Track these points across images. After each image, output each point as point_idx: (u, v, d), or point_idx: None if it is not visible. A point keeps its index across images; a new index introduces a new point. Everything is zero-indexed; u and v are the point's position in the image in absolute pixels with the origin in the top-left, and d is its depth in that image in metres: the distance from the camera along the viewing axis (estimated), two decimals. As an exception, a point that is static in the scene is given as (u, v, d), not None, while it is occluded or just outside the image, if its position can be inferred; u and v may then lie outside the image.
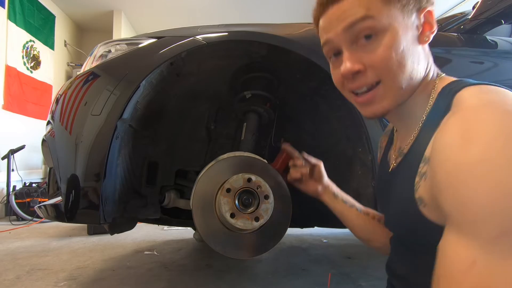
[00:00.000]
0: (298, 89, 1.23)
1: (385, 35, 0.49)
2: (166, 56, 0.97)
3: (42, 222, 2.79)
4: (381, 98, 0.52)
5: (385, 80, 0.51)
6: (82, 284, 1.32)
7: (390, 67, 0.49)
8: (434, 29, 0.52)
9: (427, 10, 0.51)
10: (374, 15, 0.49)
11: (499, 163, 0.35)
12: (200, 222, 0.97)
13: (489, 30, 1.15)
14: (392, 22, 0.49)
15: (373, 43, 0.50)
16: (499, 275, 0.34)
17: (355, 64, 0.51)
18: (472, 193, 0.36)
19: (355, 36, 0.51)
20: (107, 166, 0.92)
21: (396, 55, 0.49)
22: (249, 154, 1.09)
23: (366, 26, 0.49)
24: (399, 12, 0.50)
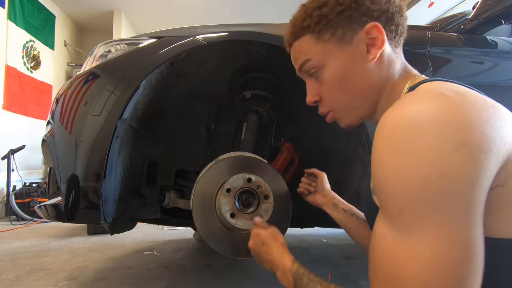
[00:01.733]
0: (298, 89, 1.23)
1: (325, 70, 0.57)
2: (166, 56, 0.97)
3: (42, 222, 2.79)
4: (340, 117, 0.61)
5: (336, 108, 0.59)
6: (82, 284, 1.32)
7: (335, 96, 0.58)
8: (379, 44, 0.54)
9: (369, 28, 0.53)
10: (311, 57, 0.57)
11: (400, 152, 0.40)
12: (200, 222, 0.97)
13: (489, 30, 1.15)
14: (328, 57, 0.56)
15: (319, 77, 0.58)
16: (399, 248, 0.40)
17: (312, 97, 0.61)
18: (382, 175, 0.42)
19: (307, 73, 0.60)
20: (107, 166, 0.92)
21: (338, 85, 0.56)
22: (249, 154, 1.09)
23: (309, 66, 0.58)
24: (335, 44, 0.55)
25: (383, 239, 0.42)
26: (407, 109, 0.43)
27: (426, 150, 0.39)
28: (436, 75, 1.02)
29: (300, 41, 0.59)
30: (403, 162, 0.40)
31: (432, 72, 1.02)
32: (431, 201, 0.38)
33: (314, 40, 0.57)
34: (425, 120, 0.40)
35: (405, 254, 0.39)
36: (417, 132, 0.40)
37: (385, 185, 0.42)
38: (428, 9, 2.96)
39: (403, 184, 0.40)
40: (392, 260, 0.40)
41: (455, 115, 0.40)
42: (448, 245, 0.37)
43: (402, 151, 0.40)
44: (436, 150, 0.38)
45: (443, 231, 0.37)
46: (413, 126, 0.40)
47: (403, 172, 0.40)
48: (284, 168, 1.24)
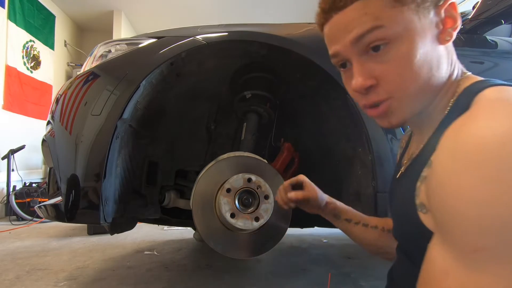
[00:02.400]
0: (298, 89, 1.23)
1: (399, 43, 0.44)
2: (166, 56, 0.97)
3: (42, 222, 2.79)
4: (395, 110, 0.47)
5: (398, 94, 0.46)
6: (82, 284, 1.32)
7: (404, 80, 0.45)
8: (458, 23, 0.45)
9: (448, 4, 0.45)
10: (384, 24, 0.43)
11: (489, 181, 0.32)
12: (200, 222, 0.97)
13: (489, 30, 1.15)
14: (406, 27, 0.43)
15: (385, 54, 0.44)
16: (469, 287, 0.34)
17: (366, 80, 0.46)
18: (457, 204, 0.34)
19: (365, 48, 0.45)
20: (107, 166, 0.92)
21: (411, 66, 0.44)
22: (249, 154, 1.10)
23: (376, 37, 0.44)
24: (414, 13, 0.43)
25: (448, 277, 0.36)
26: (496, 126, 0.34)
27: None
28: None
29: (367, 1, 0.44)
30: (492, 193, 0.32)
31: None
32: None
33: (390, 1, 0.43)
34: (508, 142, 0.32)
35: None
36: (506, 160, 0.32)
37: (461, 217, 0.34)
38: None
39: (490, 219, 0.33)
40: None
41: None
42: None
43: (492, 180, 0.32)
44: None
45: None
46: (508, 151, 0.32)
47: (491, 205, 0.32)
48: (284, 168, 1.24)
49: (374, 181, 0.96)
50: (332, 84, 0.98)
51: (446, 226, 0.37)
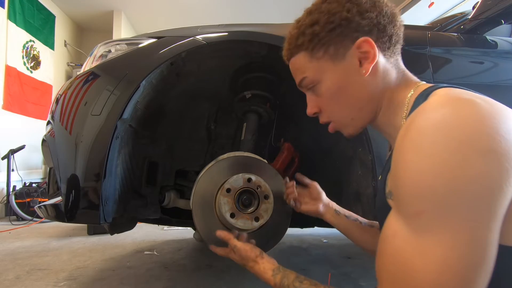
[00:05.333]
0: (298, 89, 1.23)
1: (320, 85, 0.60)
2: (166, 56, 0.97)
3: (42, 222, 2.79)
4: (341, 128, 0.64)
5: (334, 118, 0.62)
6: (82, 284, 1.32)
7: (332, 108, 0.61)
8: (370, 58, 0.55)
9: (361, 43, 0.55)
10: (307, 74, 0.60)
11: (426, 156, 0.40)
12: (200, 222, 0.97)
13: (489, 30, 1.15)
14: (322, 73, 0.59)
15: (317, 92, 0.61)
16: (412, 247, 0.40)
17: (312, 109, 0.65)
18: (403, 176, 0.42)
19: (305, 88, 0.64)
20: (107, 166, 0.92)
21: (334, 98, 0.59)
22: (249, 154, 1.09)
23: (306, 83, 0.62)
24: (329, 61, 0.58)
25: (395, 237, 0.43)
26: (435, 113, 0.42)
27: (452, 155, 0.38)
28: (436, 75, 1.02)
29: (295, 58, 0.62)
30: (427, 165, 0.40)
31: (432, 72, 1.02)
32: (452, 205, 0.38)
33: (308, 58, 0.59)
34: (453, 125, 0.40)
35: (418, 253, 0.39)
36: (445, 136, 0.39)
37: (405, 185, 0.42)
38: (428, 9, 2.96)
39: (426, 186, 0.39)
40: (403, 258, 0.41)
41: (484, 121, 0.39)
42: (463, 249, 0.38)
43: (428, 154, 0.40)
44: (463, 155, 0.38)
45: (460, 235, 0.38)
46: (441, 130, 0.40)
47: (426, 174, 0.39)
48: (284, 168, 1.24)
49: (374, 181, 0.96)
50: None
51: (397, 195, 0.44)
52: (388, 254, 0.43)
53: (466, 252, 0.38)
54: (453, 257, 0.38)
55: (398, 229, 0.43)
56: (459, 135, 0.39)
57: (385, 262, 0.44)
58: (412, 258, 0.40)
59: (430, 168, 0.39)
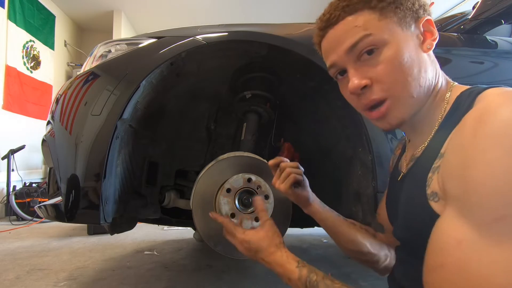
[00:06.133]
0: (298, 89, 1.23)
1: (387, 48, 0.51)
2: (166, 56, 0.97)
3: (42, 222, 2.79)
4: (394, 109, 0.53)
5: (393, 93, 0.52)
6: (82, 284, 1.32)
7: (396, 79, 0.51)
8: (436, 36, 0.53)
9: (426, 20, 0.53)
10: (372, 32, 0.51)
11: (510, 155, 0.35)
12: (200, 222, 0.97)
13: (489, 30, 1.15)
14: (391, 35, 0.51)
15: (376, 57, 0.52)
16: (486, 256, 0.35)
17: (361, 80, 0.52)
18: (480, 175, 0.36)
19: (358, 54, 0.53)
20: (107, 166, 0.91)
21: (400, 66, 0.50)
22: (249, 154, 1.09)
23: (367, 43, 0.51)
24: (397, 25, 0.52)
25: (461, 245, 0.37)
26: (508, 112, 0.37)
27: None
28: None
29: (356, 16, 0.52)
30: (507, 160, 0.35)
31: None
32: None
33: (376, 15, 0.52)
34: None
35: (493, 263, 0.35)
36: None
37: (485, 187, 0.36)
38: (428, 9, 2.96)
39: (506, 190, 0.34)
40: (473, 269, 0.36)
41: None
42: None
43: (506, 149, 0.35)
44: None
45: None
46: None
47: (508, 173, 0.35)
48: (284, 168, 1.24)
49: (374, 181, 0.96)
50: (332, 84, 0.97)
51: (464, 199, 0.38)
52: (452, 265, 0.38)
53: None
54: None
55: (464, 237, 0.37)
56: None
57: (447, 273, 0.38)
58: (484, 269, 0.36)
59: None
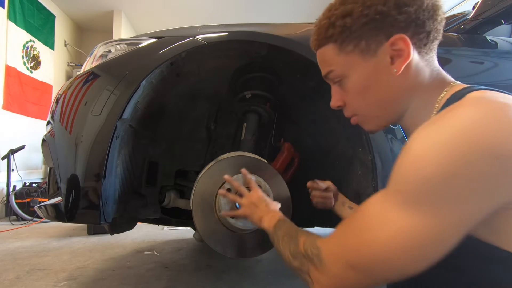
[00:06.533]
0: (298, 89, 1.23)
1: (347, 79, 0.57)
2: (166, 56, 0.97)
3: (42, 222, 2.79)
4: (363, 123, 0.61)
5: (360, 113, 0.60)
6: (82, 284, 1.32)
7: (358, 104, 0.58)
8: (406, 56, 0.51)
9: (394, 39, 0.51)
10: (334, 68, 0.58)
11: (432, 144, 0.40)
12: (200, 222, 0.97)
13: (489, 30, 1.15)
14: (350, 68, 0.56)
15: (343, 86, 0.59)
16: (384, 213, 0.43)
17: (336, 103, 0.62)
18: (399, 162, 0.44)
19: (331, 81, 0.61)
20: (107, 166, 0.91)
21: (359, 95, 0.57)
22: (249, 154, 1.09)
23: (332, 76, 0.59)
24: (358, 57, 0.54)
25: (372, 202, 0.46)
26: (461, 115, 0.41)
27: (457, 152, 0.38)
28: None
29: (323, 50, 0.58)
30: (428, 153, 0.40)
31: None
32: (436, 193, 0.39)
33: (336, 51, 0.56)
34: (475, 127, 0.38)
35: (388, 220, 0.42)
36: (463, 136, 0.38)
37: (399, 166, 0.43)
38: (428, 9, 2.96)
39: (418, 169, 0.40)
40: (371, 217, 0.44)
41: (503, 123, 0.38)
42: (428, 234, 0.40)
43: (438, 146, 0.40)
44: (466, 152, 0.38)
45: (430, 223, 0.40)
46: (462, 130, 0.39)
47: (423, 160, 0.40)
48: (284, 168, 1.24)
49: (374, 181, 0.96)
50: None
51: (392, 176, 0.45)
52: (360, 211, 0.47)
53: (431, 239, 0.40)
54: (416, 237, 0.40)
55: (377, 199, 0.45)
56: (475, 135, 0.38)
57: (353, 215, 0.48)
58: (380, 221, 0.43)
59: (430, 156, 0.40)
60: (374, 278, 0.45)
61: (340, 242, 0.49)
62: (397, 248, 0.41)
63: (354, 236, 0.46)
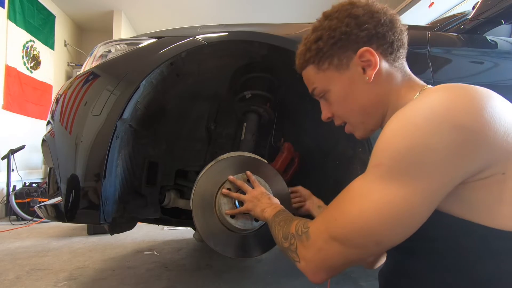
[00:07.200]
0: (298, 89, 1.22)
1: (330, 93, 0.65)
2: (166, 56, 0.97)
3: (42, 222, 2.79)
4: (353, 130, 0.68)
5: (348, 120, 0.67)
6: (82, 284, 1.32)
7: (344, 113, 0.65)
8: (374, 66, 0.59)
9: (360, 52, 0.59)
10: (316, 85, 0.66)
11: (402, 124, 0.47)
12: (200, 222, 0.97)
13: (489, 30, 1.15)
14: (330, 82, 0.63)
15: (328, 99, 0.66)
16: (362, 187, 0.49)
17: (326, 115, 0.69)
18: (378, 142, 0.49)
19: (318, 97, 0.69)
20: (107, 166, 0.91)
21: (343, 104, 0.64)
22: (249, 154, 1.09)
23: (317, 92, 0.67)
24: (334, 72, 0.62)
25: (355, 180, 0.52)
26: (427, 97, 0.48)
27: (426, 124, 0.44)
28: (436, 75, 1.02)
29: (306, 71, 0.68)
30: (401, 129, 0.46)
31: (432, 72, 1.02)
32: (408, 164, 0.44)
33: (315, 70, 0.65)
34: (439, 102, 0.45)
35: (365, 192, 0.48)
36: (429, 111, 0.44)
37: (377, 144, 0.49)
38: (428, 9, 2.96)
39: (392, 143, 0.46)
40: (351, 192, 0.51)
41: (469, 101, 0.44)
42: (402, 203, 0.44)
43: (406, 122, 0.46)
44: (436, 126, 0.43)
45: (403, 192, 0.44)
46: (428, 107, 0.45)
47: (397, 136, 0.46)
48: (284, 168, 1.24)
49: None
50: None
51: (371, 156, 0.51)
52: (346, 189, 0.53)
53: (402, 208, 0.44)
54: (389, 207, 0.44)
55: (358, 177, 0.52)
56: (441, 110, 0.44)
57: (341, 193, 0.53)
58: (357, 193, 0.49)
59: (403, 131, 0.45)
60: (355, 250, 0.49)
61: (325, 217, 0.54)
62: (373, 216, 0.45)
63: (335, 209, 0.52)
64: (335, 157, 1.23)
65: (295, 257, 0.57)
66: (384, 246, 0.47)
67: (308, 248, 0.54)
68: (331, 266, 0.52)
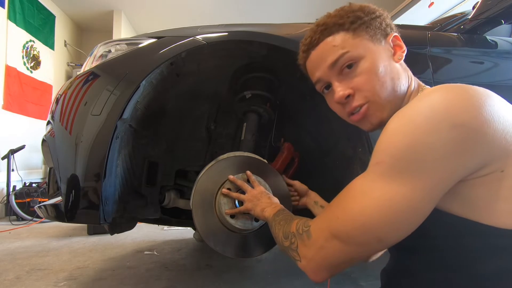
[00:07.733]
0: (298, 89, 1.23)
1: (363, 61, 0.59)
2: (166, 56, 0.97)
3: (42, 222, 2.79)
4: (373, 112, 0.61)
5: (371, 98, 0.60)
6: (82, 284, 1.32)
7: (373, 86, 0.59)
8: (404, 49, 0.62)
9: (393, 36, 0.62)
10: (349, 49, 0.60)
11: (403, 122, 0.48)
12: (200, 222, 0.97)
13: (489, 30, 1.15)
14: (366, 50, 0.60)
15: (355, 70, 0.60)
16: (363, 184, 0.50)
17: (345, 90, 0.60)
18: (380, 138, 0.50)
19: (339, 68, 0.61)
20: (107, 166, 0.91)
21: (376, 75, 0.59)
22: (249, 154, 1.09)
23: (346, 59, 0.60)
24: (369, 41, 0.60)
25: (356, 178, 0.52)
26: (427, 97, 0.48)
27: (426, 122, 0.44)
28: (436, 75, 1.02)
29: (333, 37, 0.61)
30: (401, 127, 0.47)
31: (432, 72, 1.02)
32: (408, 162, 0.45)
33: (350, 35, 0.60)
34: (439, 101, 0.46)
35: (366, 189, 0.49)
36: (429, 110, 0.45)
37: (378, 143, 0.50)
38: (428, 9, 2.96)
39: (392, 141, 0.47)
40: (353, 190, 0.51)
41: (468, 100, 0.44)
42: (402, 200, 0.45)
43: (407, 120, 0.47)
44: (435, 124, 0.44)
45: (404, 189, 0.45)
46: (428, 106, 0.46)
47: (397, 134, 0.47)
48: (284, 168, 1.24)
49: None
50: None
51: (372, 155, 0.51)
52: (347, 186, 0.53)
53: (403, 206, 0.45)
54: (390, 205, 0.45)
55: (360, 176, 0.52)
56: (440, 109, 0.44)
57: (343, 191, 0.54)
58: (358, 191, 0.50)
59: (403, 130, 0.46)
60: (357, 248, 0.49)
61: (326, 216, 0.54)
62: (374, 213, 0.46)
63: (337, 207, 0.52)
64: (335, 157, 1.23)
65: (296, 256, 0.57)
66: (386, 243, 0.48)
67: (309, 247, 0.54)
68: (332, 265, 0.52)
